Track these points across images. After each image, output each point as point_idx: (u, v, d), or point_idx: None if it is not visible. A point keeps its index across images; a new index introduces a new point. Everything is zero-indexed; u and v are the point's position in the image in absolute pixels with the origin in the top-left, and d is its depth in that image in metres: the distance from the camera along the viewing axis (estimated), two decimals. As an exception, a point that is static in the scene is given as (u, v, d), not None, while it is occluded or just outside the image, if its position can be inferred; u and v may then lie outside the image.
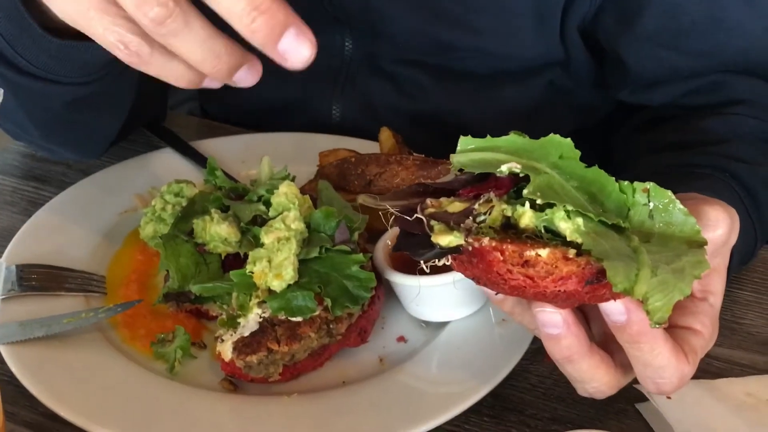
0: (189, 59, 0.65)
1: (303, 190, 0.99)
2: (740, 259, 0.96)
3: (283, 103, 1.35)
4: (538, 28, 1.19)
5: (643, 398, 0.85)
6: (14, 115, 1.03)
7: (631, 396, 0.84)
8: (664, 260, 0.64)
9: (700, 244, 0.66)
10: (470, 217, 0.66)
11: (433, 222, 0.68)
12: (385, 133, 1.11)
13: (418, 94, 1.30)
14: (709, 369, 0.91)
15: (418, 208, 0.69)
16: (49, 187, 1.16)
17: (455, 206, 0.68)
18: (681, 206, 0.67)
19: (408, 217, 0.69)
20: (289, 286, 0.86)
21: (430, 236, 0.67)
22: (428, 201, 0.69)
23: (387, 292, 0.95)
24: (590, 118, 1.36)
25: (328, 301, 0.86)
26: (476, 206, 0.67)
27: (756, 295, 1.02)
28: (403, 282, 0.90)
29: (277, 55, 0.64)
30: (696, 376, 0.75)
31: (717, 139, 1.05)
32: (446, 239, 0.66)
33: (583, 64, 1.26)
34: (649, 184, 0.68)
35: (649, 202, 0.68)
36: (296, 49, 0.63)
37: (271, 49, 0.63)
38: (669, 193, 0.68)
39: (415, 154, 1.09)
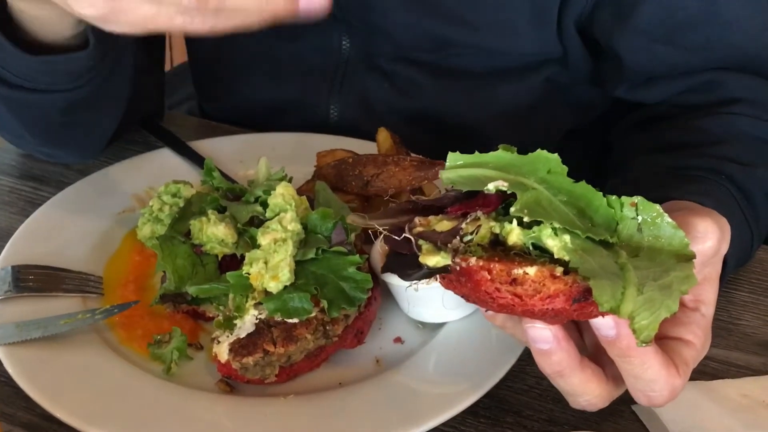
0: (249, 9, 0.69)
1: (300, 191, 0.99)
2: (736, 262, 0.95)
3: (282, 102, 1.35)
4: (535, 23, 1.19)
5: (639, 399, 0.85)
6: (11, 127, 1.04)
7: (626, 397, 0.83)
8: (652, 276, 0.64)
9: (689, 257, 0.67)
10: (458, 237, 0.66)
11: (421, 241, 0.68)
12: (383, 134, 1.11)
13: (415, 93, 1.30)
14: (705, 370, 0.91)
15: (406, 228, 0.69)
16: (47, 187, 1.16)
17: (443, 225, 0.69)
18: (669, 219, 0.68)
19: (396, 237, 0.69)
20: (285, 287, 0.86)
21: (418, 256, 0.67)
22: (416, 220, 0.70)
23: (384, 294, 0.95)
24: (587, 116, 1.36)
25: (324, 303, 0.86)
26: (464, 225, 0.67)
27: (752, 296, 1.02)
28: (399, 283, 0.90)
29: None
30: (692, 378, 0.75)
31: (713, 139, 1.05)
32: (434, 259, 0.67)
33: (580, 61, 1.26)
34: (637, 198, 0.68)
35: (637, 215, 0.68)
36: None
37: None
38: (657, 206, 0.68)
39: (412, 154, 1.09)
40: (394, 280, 0.90)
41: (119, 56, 1.04)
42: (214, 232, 0.91)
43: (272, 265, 0.87)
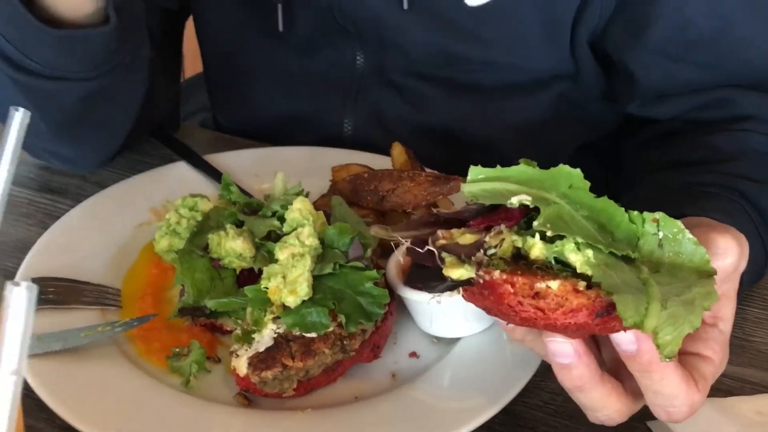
0: None
1: (316, 206, 0.99)
2: (750, 279, 0.96)
3: (295, 116, 1.36)
4: (548, 40, 1.20)
5: (653, 416, 0.86)
6: (30, 124, 1.04)
7: (641, 414, 0.84)
8: (674, 292, 0.65)
9: (710, 273, 0.67)
10: (481, 250, 0.67)
11: (444, 254, 0.69)
12: (398, 149, 1.12)
13: (428, 108, 1.31)
14: (719, 387, 0.91)
15: (429, 240, 0.70)
16: (65, 199, 1.17)
17: (466, 238, 0.69)
18: (690, 236, 0.68)
19: (419, 249, 0.70)
20: (303, 302, 0.87)
21: (441, 269, 0.68)
22: (439, 233, 0.70)
23: (399, 308, 0.95)
24: (599, 132, 1.37)
25: (342, 318, 0.86)
26: (487, 239, 0.68)
27: (766, 313, 1.03)
28: (415, 298, 0.91)
29: None
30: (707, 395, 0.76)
31: (725, 156, 1.05)
32: (457, 272, 0.67)
33: (592, 77, 1.27)
34: (659, 214, 0.68)
35: (658, 231, 0.68)
36: None
37: None
38: (678, 222, 0.68)
39: (427, 170, 1.09)
40: (411, 295, 0.90)
41: (137, 46, 1.05)
42: (233, 247, 0.92)
43: (290, 279, 0.87)
